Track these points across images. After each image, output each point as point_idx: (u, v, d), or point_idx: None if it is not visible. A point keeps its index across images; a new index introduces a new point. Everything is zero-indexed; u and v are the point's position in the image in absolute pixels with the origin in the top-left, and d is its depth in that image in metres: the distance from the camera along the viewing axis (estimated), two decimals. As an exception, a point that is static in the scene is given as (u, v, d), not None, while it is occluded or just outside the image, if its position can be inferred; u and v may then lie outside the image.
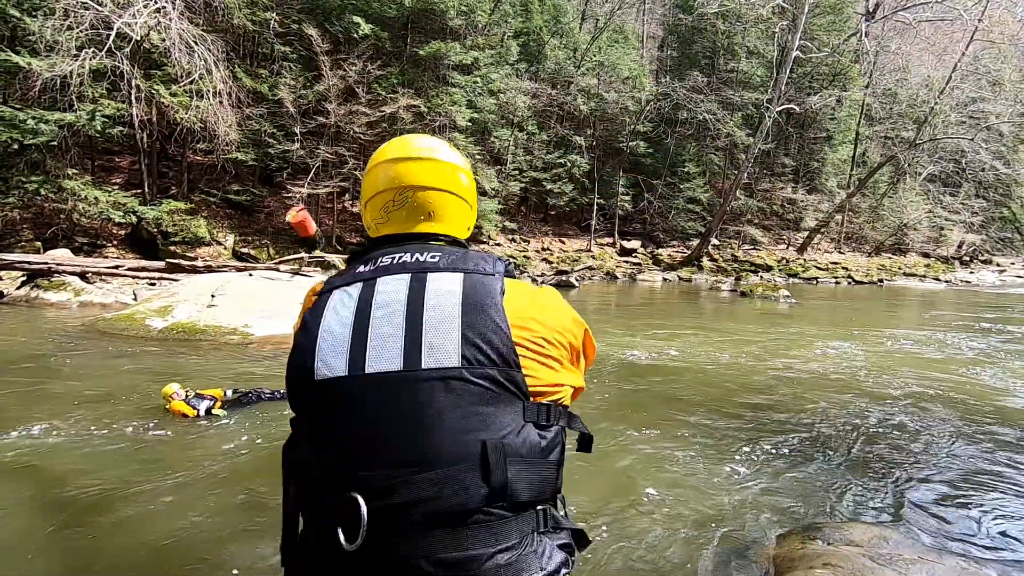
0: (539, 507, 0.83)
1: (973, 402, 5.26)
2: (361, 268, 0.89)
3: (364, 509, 0.75)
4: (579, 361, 0.97)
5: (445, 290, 0.83)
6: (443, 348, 0.79)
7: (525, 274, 16.51)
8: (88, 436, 3.67)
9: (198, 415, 4.05)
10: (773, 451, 3.91)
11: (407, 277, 0.85)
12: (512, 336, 0.82)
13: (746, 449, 3.93)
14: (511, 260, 1.00)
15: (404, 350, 0.79)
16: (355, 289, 0.86)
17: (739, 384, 5.71)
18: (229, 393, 4.43)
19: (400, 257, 0.88)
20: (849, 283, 20.58)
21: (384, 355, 0.80)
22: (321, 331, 0.83)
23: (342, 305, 0.85)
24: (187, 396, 4.15)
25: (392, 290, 0.84)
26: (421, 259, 0.87)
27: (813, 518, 2.99)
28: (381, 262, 0.88)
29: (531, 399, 0.84)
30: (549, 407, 0.85)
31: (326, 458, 0.80)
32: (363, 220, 1.03)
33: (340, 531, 0.76)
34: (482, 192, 17.18)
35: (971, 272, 25.25)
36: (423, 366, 0.79)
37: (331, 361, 0.81)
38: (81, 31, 10.95)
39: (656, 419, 4.36)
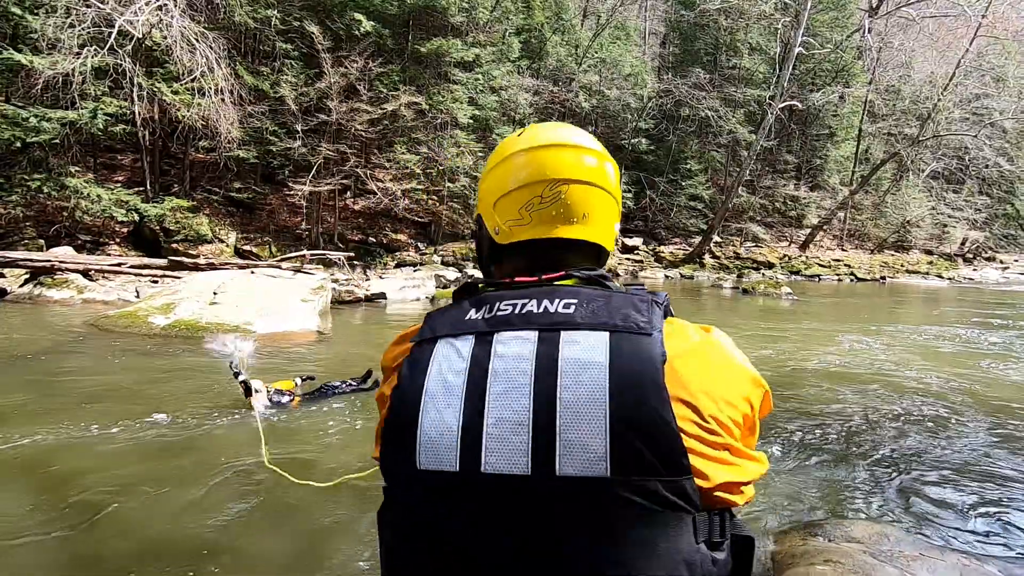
0: None
1: (974, 399, 5.26)
2: (473, 313, 0.67)
3: None
4: (753, 435, 0.69)
5: (586, 360, 0.60)
6: (586, 447, 0.57)
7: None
8: (90, 434, 3.68)
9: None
10: (773, 448, 3.91)
11: (533, 336, 0.63)
12: (678, 423, 0.59)
13: (747, 446, 3.92)
14: (667, 296, 0.69)
15: (532, 447, 0.59)
16: (465, 345, 0.65)
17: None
18: (298, 381, 4.55)
19: (524, 305, 0.66)
20: (852, 280, 20.53)
21: (505, 451, 0.59)
22: (423, 403, 0.63)
23: (449, 368, 0.64)
24: (269, 393, 4.23)
25: (514, 354, 0.63)
26: (551, 309, 0.65)
27: (814, 515, 2.99)
28: (500, 309, 0.66)
29: (700, 510, 0.60)
30: (723, 516, 0.63)
31: (420, 569, 0.62)
32: (486, 226, 0.79)
33: None
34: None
35: (974, 269, 25.18)
36: (558, 472, 0.57)
37: (438, 448, 0.61)
38: (83, 29, 10.95)
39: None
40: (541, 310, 0.65)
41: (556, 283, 0.71)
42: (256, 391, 4.01)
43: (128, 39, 11.40)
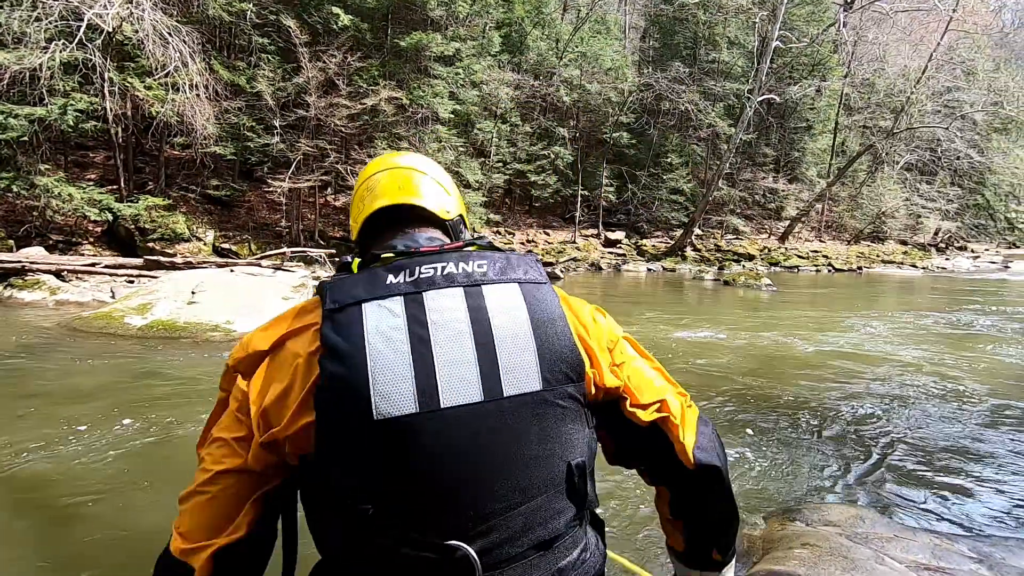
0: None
1: (947, 383, 5.40)
2: (392, 278, 0.76)
3: (476, 558, 0.70)
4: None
5: (508, 306, 0.76)
6: (522, 370, 0.73)
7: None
8: (65, 437, 3.61)
9: None
10: (754, 435, 3.97)
11: (459, 292, 0.76)
12: (577, 344, 0.79)
13: (729, 434, 3.99)
14: (539, 257, 0.95)
15: (481, 378, 0.72)
16: (395, 304, 0.73)
17: (720, 369, 5.79)
18: None
19: (444, 268, 0.78)
20: (829, 271, 20.91)
21: (459, 386, 0.71)
22: (370, 359, 0.70)
23: (388, 326, 0.72)
24: None
25: (448, 307, 0.75)
26: (468, 270, 0.78)
27: (793, 500, 3.05)
28: (421, 273, 0.76)
29: (588, 406, 0.81)
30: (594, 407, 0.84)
31: (401, 508, 0.70)
32: (352, 227, 0.97)
33: None
34: (466, 184, 17.09)
35: (947, 259, 25.78)
36: (505, 394, 0.72)
37: (393, 396, 0.69)
38: (50, 22, 10.65)
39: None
40: (460, 271, 0.78)
41: (464, 249, 0.84)
42: None
43: (98, 33, 11.11)
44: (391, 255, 0.82)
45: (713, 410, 4.48)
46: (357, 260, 0.84)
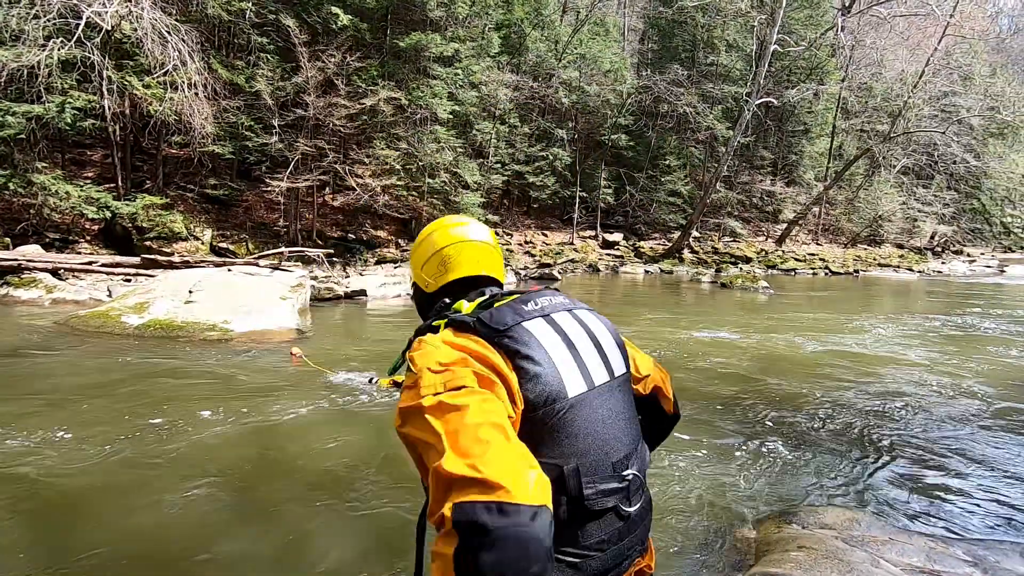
0: None
1: (943, 386, 5.43)
2: (524, 306, 1.03)
3: (642, 477, 1.05)
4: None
5: (595, 322, 1.11)
6: (618, 360, 1.09)
7: (508, 266, 16.52)
8: (61, 437, 3.60)
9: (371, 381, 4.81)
10: (751, 438, 3.99)
11: (567, 314, 1.08)
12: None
13: (726, 437, 4.00)
14: None
15: (603, 364, 1.05)
16: (541, 323, 1.02)
17: (716, 370, 5.80)
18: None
19: (552, 299, 1.09)
20: (826, 274, 20.97)
21: (597, 371, 1.03)
22: (555, 359, 0.98)
23: (549, 336, 1.01)
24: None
25: (568, 322, 1.06)
26: (561, 300, 1.11)
27: (790, 503, 3.07)
28: (542, 303, 1.07)
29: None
30: None
31: (595, 456, 0.98)
32: (421, 280, 1.24)
33: (620, 504, 0.99)
34: (464, 185, 17.09)
35: (943, 263, 25.88)
36: (615, 375, 1.07)
37: (574, 381, 0.98)
38: (48, 20, 10.62)
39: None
40: (558, 301, 1.10)
41: (543, 289, 1.14)
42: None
43: (96, 31, 11.07)
44: (505, 296, 1.10)
45: (710, 412, 4.49)
46: (463, 303, 1.08)
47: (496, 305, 1.03)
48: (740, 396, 4.98)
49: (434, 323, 1.03)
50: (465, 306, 1.05)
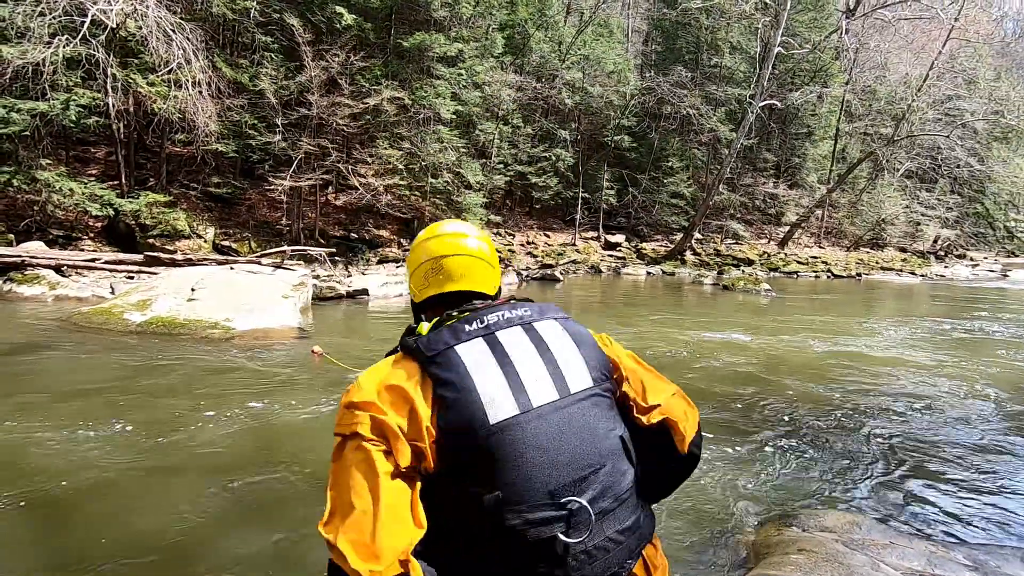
0: None
1: (945, 389, 5.41)
2: (467, 327, 1.01)
3: (591, 508, 0.93)
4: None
5: (556, 333, 1.05)
6: (579, 374, 1.02)
7: (510, 267, 16.52)
8: (63, 433, 3.61)
9: None
10: (753, 441, 3.98)
11: (519, 328, 1.03)
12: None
13: (726, 439, 4.00)
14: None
15: (553, 382, 0.99)
16: (478, 344, 0.99)
17: (717, 372, 5.80)
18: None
19: (504, 315, 1.04)
20: (828, 277, 20.94)
21: (542, 390, 0.98)
22: (478, 385, 0.94)
23: (481, 358, 0.97)
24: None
25: (516, 340, 1.01)
26: (519, 314, 1.05)
27: (790, 506, 3.06)
28: (488, 320, 1.03)
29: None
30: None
31: (523, 484, 0.92)
32: (410, 288, 1.22)
33: (559, 534, 0.91)
34: (467, 186, 17.09)
35: (946, 267, 25.81)
36: (572, 391, 1.00)
37: (500, 405, 0.94)
38: (54, 17, 10.64)
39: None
40: (515, 315, 1.05)
41: (509, 302, 1.11)
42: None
43: (101, 29, 11.10)
44: (457, 313, 1.06)
45: (711, 413, 4.49)
46: (423, 325, 1.05)
47: (446, 324, 1.02)
48: (740, 397, 4.97)
49: (397, 346, 1.04)
50: (424, 327, 1.04)
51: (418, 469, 0.91)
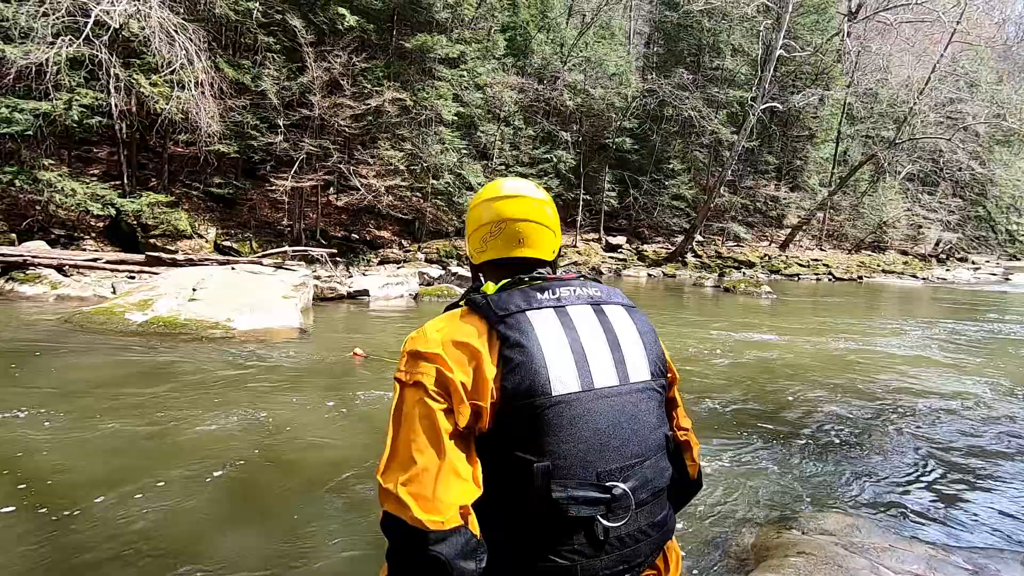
0: None
1: (947, 394, 5.40)
2: (539, 294, 1.00)
3: (632, 497, 0.94)
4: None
5: (623, 320, 1.05)
6: (639, 365, 1.02)
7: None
8: (64, 433, 3.62)
9: None
10: (752, 443, 3.98)
11: (588, 307, 1.03)
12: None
13: (726, 442, 4.00)
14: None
15: (615, 367, 0.99)
16: (549, 314, 0.98)
17: (718, 375, 5.79)
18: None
19: (575, 290, 1.04)
20: (830, 280, 20.91)
21: (604, 373, 0.97)
22: (547, 354, 0.93)
23: (551, 328, 0.96)
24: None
25: (584, 317, 1.01)
26: (590, 293, 1.05)
27: (790, 508, 3.06)
28: (561, 293, 1.02)
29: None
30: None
31: (574, 460, 0.92)
32: (468, 250, 1.17)
33: (599, 516, 0.92)
34: (468, 187, 17.11)
35: (947, 270, 25.77)
36: (631, 380, 1.00)
37: (565, 378, 0.93)
38: (57, 18, 10.68)
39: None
40: (585, 293, 1.04)
41: (580, 277, 1.09)
42: None
43: (104, 29, 11.13)
44: (529, 279, 1.03)
45: (710, 416, 4.49)
46: (489, 284, 1.03)
47: (517, 288, 1.01)
48: (739, 399, 4.97)
49: (460, 300, 1.02)
50: (491, 287, 1.02)
51: (473, 429, 0.90)
